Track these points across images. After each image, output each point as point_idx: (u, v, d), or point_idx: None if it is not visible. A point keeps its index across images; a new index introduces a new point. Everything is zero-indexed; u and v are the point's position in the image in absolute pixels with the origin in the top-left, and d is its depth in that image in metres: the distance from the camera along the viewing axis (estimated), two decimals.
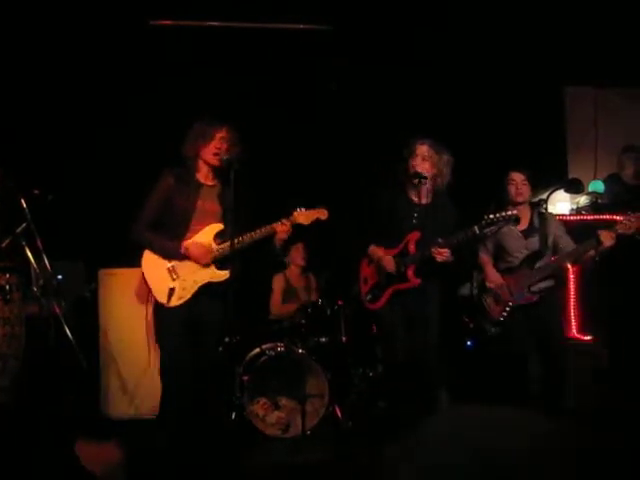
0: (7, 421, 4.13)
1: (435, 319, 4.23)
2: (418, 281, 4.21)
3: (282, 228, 3.89)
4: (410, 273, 4.22)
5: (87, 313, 5.12)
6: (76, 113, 5.55)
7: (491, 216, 4.08)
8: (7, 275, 4.19)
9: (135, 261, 4.37)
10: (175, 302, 3.84)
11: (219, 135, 3.90)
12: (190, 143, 3.92)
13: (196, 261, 3.86)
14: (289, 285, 6.04)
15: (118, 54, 5.43)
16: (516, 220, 4.28)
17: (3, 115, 5.21)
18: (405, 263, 4.23)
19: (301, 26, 5.96)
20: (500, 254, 4.62)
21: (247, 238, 3.87)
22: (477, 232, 4.08)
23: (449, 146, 4.33)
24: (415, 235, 4.25)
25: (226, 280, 3.88)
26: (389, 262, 4.25)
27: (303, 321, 5.10)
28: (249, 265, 4.10)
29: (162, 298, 3.85)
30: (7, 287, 4.15)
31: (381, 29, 5.78)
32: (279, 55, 5.74)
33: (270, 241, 3.96)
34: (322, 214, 4.00)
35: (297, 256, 6.05)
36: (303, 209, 3.99)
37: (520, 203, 4.47)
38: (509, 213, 4.07)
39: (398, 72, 5.83)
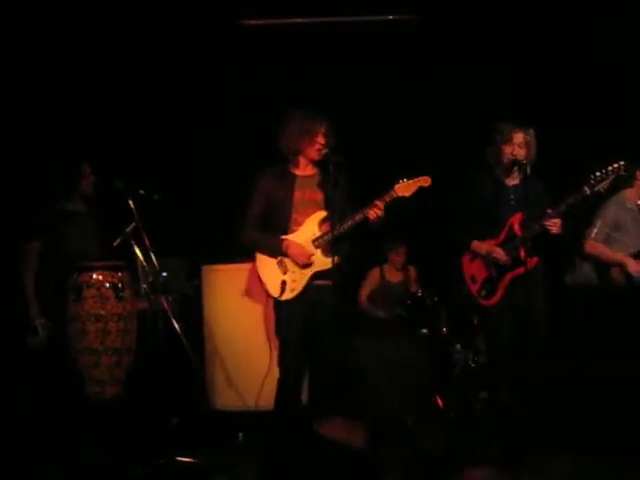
0: (122, 412, 4.33)
1: (541, 309, 4.15)
2: (535, 260, 4.12)
3: (373, 214, 3.82)
4: (523, 255, 4.09)
5: (190, 309, 5.27)
6: (178, 114, 5.72)
7: (597, 173, 3.98)
8: (119, 273, 4.40)
9: (237, 257, 4.49)
10: (288, 295, 3.91)
11: (322, 131, 3.89)
12: (292, 140, 3.92)
13: (295, 262, 3.90)
14: (384, 279, 6.05)
15: (212, 55, 5.57)
16: (626, 170, 4.07)
17: (111, 119, 5.46)
18: (516, 247, 4.13)
19: (390, 17, 5.96)
20: (618, 238, 4.51)
21: (345, 226, 3.86)
22: (588, 192, 3.98)
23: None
24: (518, 216, 4.16)
25: (335, 266, 3.84)
26: (500, 253, 4.15)
27: (404, 314, 5.11)
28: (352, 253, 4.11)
29: (275, 292, 3.92)
30: (120, 285, 4.35)
31: (470, 15, 5.70)
32: (367, 47, 5.74)
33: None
34: (425, 182, 3.88)
35: (397, 260, 6.05)
36: (404, 180, 3.88)
37: None
38: (616, 165, 3.96)
39: (494, 59, 5.73)
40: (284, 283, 3.90)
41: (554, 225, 4.02)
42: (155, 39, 5.45)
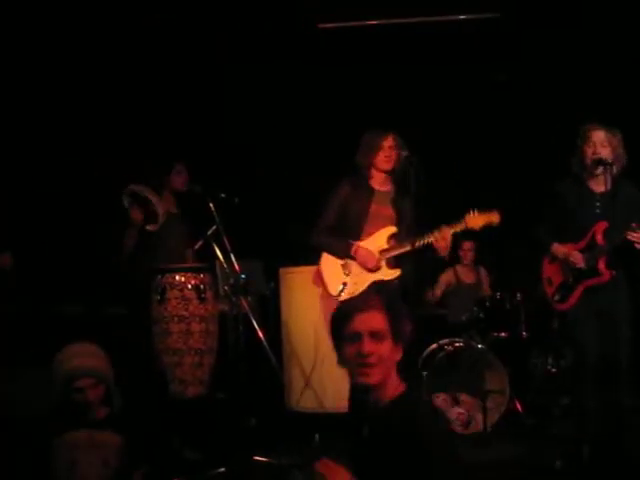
0: (205, 412, 4.41)
1: (628, 315, 4.02)
2: (611, 273, 3.99)
3: (440, 244, 3.89)
4: (602, 266, 3.97)
5: (268, 310, 5.33)
6: (258, 118, 5.81)
7: None
8: (201, 275, 4.49)
9: (314, 260, 4.54)
10: (346, 296, 3.99)
11: (387, 144, 4.07)
12: (362, 154, 4.13)
13: (362, 265, 4.03)
14: (458, 280, 5.99)
15: (291, 57, 5.63)
16: None
17: (192, 126, 5.59)
18: (595, 256, 4.01)
19: (463, 16, 5.89)
20: None
21: (412, 245, 3.93)
22: None
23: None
24: (602, 225, 4.00)
25: (397, 278, 4.00)
26: (578, 257, 4.02)
27: (482, 315, 5.04)
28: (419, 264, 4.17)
29: (334, 291, 4.07)
30: (202, 287, 4.44)
31: (550, 13, 5.56)
32: (445, 48, 5.68)
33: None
34: (494, 218, 3.94)
35: (466, 255, 6.00)
36: (476, 212, 3.94)
37: None
38: None
39: (572, 57, 5.57)
40: (345, 284, 4.04)
41: (638, 240, 3.86)
42: (239, 43, 5.54)
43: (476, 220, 3.94)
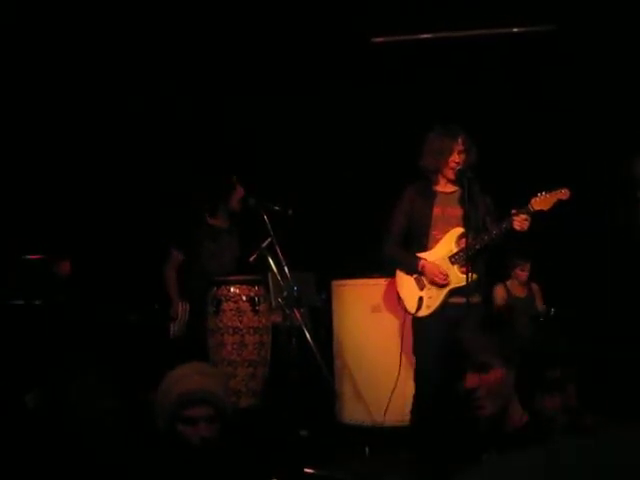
0: (257, 423, 4.45)
1: None
2: None
3: (519, 223, 3.75)
4: None
5: (319, 322, 5.34)
6: (311, 131, 5.86)
7: None
8: (256, 287, 4.54)
9: (366, 272, 4.54)
10: (424, 311, 3.93)
11: (457, 148, 3.91)
12: (429, 160, 3.97)
13: (431, 282, 3.91)
14: (510, 296, 5.92)
15: (346, 72, 5.67)
16: None
17: (246, 139, 5.67)
18: None
19: (515, 30, 5.85)
20: None
21: (481, 242, 3.84)
22: None
23: None
24: None
25: (472, 282, 3.80)
26: None
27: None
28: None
29: (412, 308, 3.97)
30: (256, 299, 4.49)
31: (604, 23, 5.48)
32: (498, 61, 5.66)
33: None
34: (563, 194, 3.78)
35: (522, 275, 5.92)
36: (542, 193, 3.79)
37: None
38: None
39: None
40: (421, 299, 3.93)
41: None
42: (289, 59, 5.61)
43: (544, 201, 3.78)
